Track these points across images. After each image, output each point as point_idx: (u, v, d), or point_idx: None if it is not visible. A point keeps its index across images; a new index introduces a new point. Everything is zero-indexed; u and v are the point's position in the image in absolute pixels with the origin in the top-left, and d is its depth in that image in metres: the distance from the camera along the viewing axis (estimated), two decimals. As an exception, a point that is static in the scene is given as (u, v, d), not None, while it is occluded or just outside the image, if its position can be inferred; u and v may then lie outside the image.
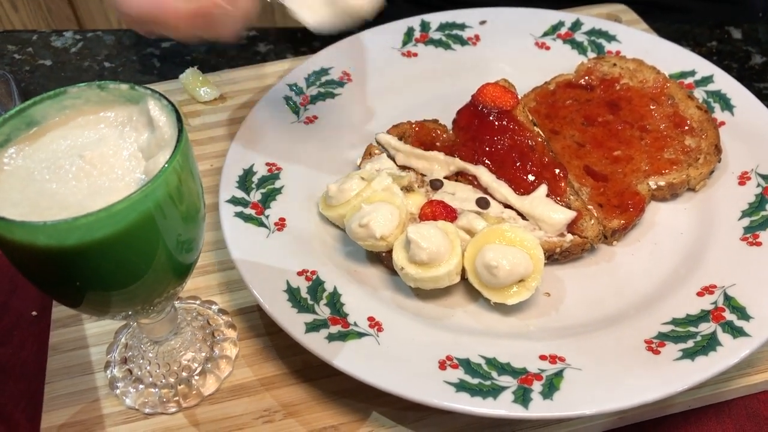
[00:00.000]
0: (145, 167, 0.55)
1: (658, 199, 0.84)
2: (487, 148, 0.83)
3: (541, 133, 0.85)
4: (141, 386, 0.71)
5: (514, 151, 0.83)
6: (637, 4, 1.15)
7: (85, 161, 0.56)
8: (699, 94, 0.92)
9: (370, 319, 0.71)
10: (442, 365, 0.66)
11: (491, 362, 0.67)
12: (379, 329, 0.70)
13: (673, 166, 0.84)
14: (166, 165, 0.53)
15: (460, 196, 0.81)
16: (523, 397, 0.63)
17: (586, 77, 0.94)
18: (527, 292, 0.71)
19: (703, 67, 0.95)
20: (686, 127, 0.87)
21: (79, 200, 0.54)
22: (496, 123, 0.84)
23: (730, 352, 0.65)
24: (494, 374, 0.65)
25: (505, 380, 0.65)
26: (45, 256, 0.52)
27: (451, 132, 0.87)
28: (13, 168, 0.56)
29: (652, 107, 0.89)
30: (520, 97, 0.89)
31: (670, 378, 0.64)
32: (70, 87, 0.59)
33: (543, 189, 0.80)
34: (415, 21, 1.04)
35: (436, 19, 1.04)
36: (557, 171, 0.81)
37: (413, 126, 0.88)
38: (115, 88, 0.60)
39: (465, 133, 0.85)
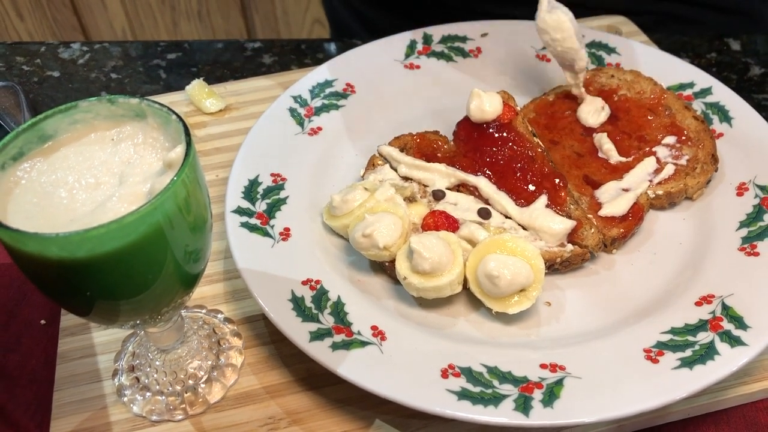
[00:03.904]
0: (154, 181, 0.57)
1: (657, 208, 0.85)
2: (488, 159, 0.85)
3: (540, 143, 0.86)
4: (148, 394, 0.72)
5: (514, 162, 0.84)
6: (648, 15, 1.15)
7: (97, 176, 0.57)
8: (698, 105, 0.94)
9: (374, 327, 0.72)
10: (445, 374, 0.67)
11: (493, 371, 0.68)
12: (383, 338, 0.71)
13: (671, 175, 0.85)
14: (175, 177, 0.54)
15: (462, 206, 0.82)
16: (524, 405, 0.64)
17: (585, 88, 0.95)
18: (528, 302, 0.72)
19: (702, 78, 0.96)
20: (683, 137, 0.88)
21: (90, 213, 0.55)
22: (496, 134, 0.85)
23: (727, 361, 0.66)
24: (495, 383, 0.67)
25: (506, 389, 0.66)
26: (56, 267, 0.53)
27: (452, 143, 0.89)
28: (27, 181, 0.58)
29: (649, 117, 0.91)
30: (519, 108, 0.90)
31: (669, 387, 0.65)
32: (81, 101, 0.60)
33: (542, 200, 0.81)
34: (417, 34, 1.06)
35: (438, 31, 1.06)
36: (557, 181, 0.83)
37: (414, 137, 0.89)
38: (124, 102, 0.61)
39: (465, 144, 0.87)
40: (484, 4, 1.20)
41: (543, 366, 0.68)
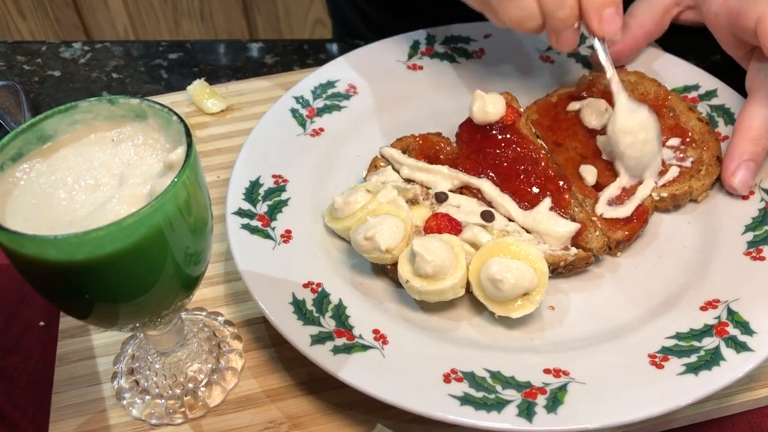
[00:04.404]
0: (154, 182, 0.56)
1: (661, 210, 0.85)
2: (491, 161, 0.84)
3: (544, 145, 0.86)
4: (147, 397, 0.72)
5: (518, 164, 0.83)
6: None
7: (97, 177, 0.56)
8: (703, 108, 0.93)
9: (375, 331, 0.71)
10: (447, 378, 0.67)
11: (496, 376, 0.67)
12: (384, 342, 0.70)
13: (676, 178, 0.84)
14: (176, 179, 0.53)
15: (465, 209, 0.81)
16: (527, 410, 0.64)
17: (588, 90, 0.94)
18: (531, 306, 0.71)
19: (707, 81, 0.95)
20: (688, 139, 0.88)
21: (90, 214, 0.55)
22: (499, 136, 0.84)
23: (733, 367, 0.66)
24: (498, 388, 0.66)
25: (509, 394, 0.65)
26: (55, 269, 0.53)
27: (454, 145, 0.88)
28: (26, 183, 0.57)
29: (654, 120, 0.90)
30: (522, 110, 0.89)
31: (674, 392, 0.64)
32: (81, 101, 0.60)
33: (546, 202, 0.80)
34: (420, 34, 1.05)
35: (441, 32, 1.05)
36: (561, 183, 0.82)
37: (417, 139, 0.88)
38: (125, 103, 0.60)
39: (468, 146, 0.86)
40: None
41: (547, 371, 0.68)
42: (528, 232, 0.79)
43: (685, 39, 1.00)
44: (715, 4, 0.87)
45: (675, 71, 0.97)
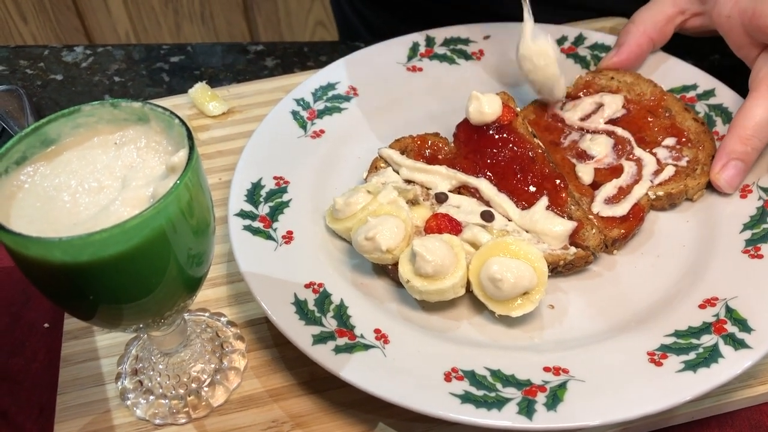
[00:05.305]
0: (157, 185, 0.57)
1: (657, 209, 0.85)
2: (488, 161, 0.84)
3: (541, 144, 0.86)
4: (151, 397, 0.72)
5: (515, 163, 0.84)
6: None
7: (100, 180, 0.57)
8: (701, 107, 0.93)
9: (377, 331, 0.72)
10: (448, 377, 0.67)
11: (496, 374, 0.68)
12: (386, 341, 0.71)
13: (672, 177, 0.85)
14: (178, 181, 0.54)
15: (465, 209, 0.82)
16: (527, 408, 0.64)
17: (585, 90, 0.95)
18: (531, 305, 0.72)
19: (705, 80, 0.95)
20: (683, 139, 0.88)
21: (93, 217, 0.55)
22: (496, 136, 0.85)
23: (731, 364, 0.66)
24: (499, 386, 0.66)
25: (509, 392, 0.66)
26: (59, 271, 0.53)
27: (452, 145, 0.89)
28: (30, 186, 0.58)
29: (649, 119, 0.91)
30: (519, 110, 0.90)
31: (673, 390, 0.65)
32: (84, 105, 0.61)
33: (543, 201, 0.81)
34: (420, 36, 1.06)
35: (440, 34, 1.06)
36: (558, 182, 0.83)
37: (415, 140, 0.89)
38: (127, 106, 0.61)
39: (466, 146, 0.86)
40: (490, 4, 1.20)
41: (546, 369, 0.68)
42: (527, 231, 0.80)
43: (683, 39, 1.00)
44: (725, 6, 0.88)
45: (673, 71, 0.98)
